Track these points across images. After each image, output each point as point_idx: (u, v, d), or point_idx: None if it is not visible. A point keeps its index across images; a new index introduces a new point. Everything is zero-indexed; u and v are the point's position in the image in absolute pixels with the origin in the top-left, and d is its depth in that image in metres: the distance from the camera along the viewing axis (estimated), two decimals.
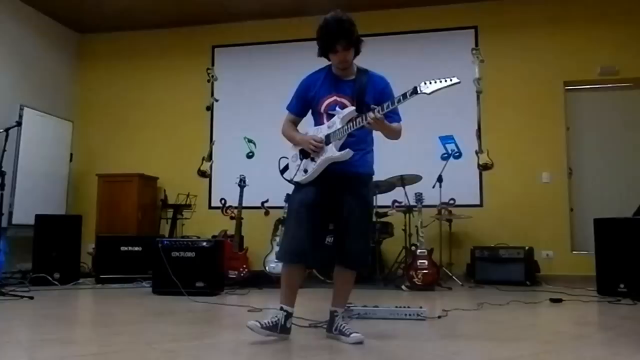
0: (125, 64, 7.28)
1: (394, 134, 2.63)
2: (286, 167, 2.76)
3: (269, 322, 2.51)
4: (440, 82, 2.37)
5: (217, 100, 6.45)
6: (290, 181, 2.71)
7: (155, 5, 6.59)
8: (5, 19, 6.24)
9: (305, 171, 2.63)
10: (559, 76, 6.13)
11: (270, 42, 6.74)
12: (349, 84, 2.66)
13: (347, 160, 2.57)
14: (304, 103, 2.75)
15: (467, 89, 5.76)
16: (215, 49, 7.03)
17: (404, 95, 2.42)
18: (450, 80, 2.37)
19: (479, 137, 5.77)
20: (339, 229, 2.66)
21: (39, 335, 2.83)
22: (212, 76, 6.37)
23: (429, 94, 2.38)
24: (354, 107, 2.57)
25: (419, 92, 2.39)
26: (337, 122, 2.58)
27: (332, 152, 2.56)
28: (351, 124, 2.53)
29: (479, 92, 5.81)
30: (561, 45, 6.16)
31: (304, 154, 2.66)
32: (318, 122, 2.70)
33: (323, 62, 2.73)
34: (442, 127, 6.23)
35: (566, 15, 6.20)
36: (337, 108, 2.62)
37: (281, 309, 2.59)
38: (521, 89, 6.20)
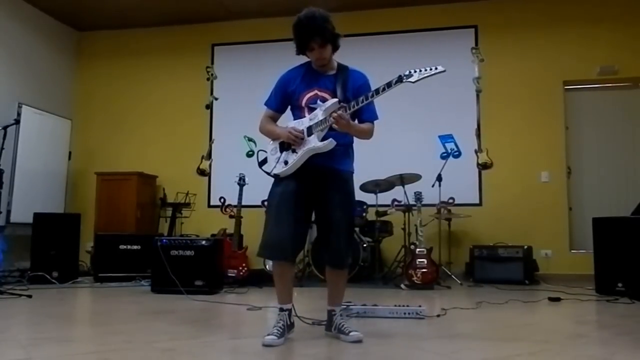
0: (124, 62, 7.27)
1: (363, 135, 2.59)
2: (265, 161, 2.70)
3: (279, 329, 2.48)
4: (426, 70, 2.35)
5: (216, 99, 6.45)
6: (269, 174, 2.64)
7: (154, 3, 6.58)
8: (4, 16, 6.23)
9: (286, 163, 2.57)
10: (558, 75, 6.14)
11: (270, 40, 6.72)
12: (330, 79, 2.64)
13: (329, 156, 2.53)
14: (284, 98, 2.71)
15: (467, 88, 5.77)
16: (215, 47, 7.03)
17: (389, 84, 2.39)
18: (436, 68, 2.35)
19: (478, 136, 5.77)
20: (321, 226, 2.63)
21: (37, 334, 2.82)
22: (212, 74, 6.36)
23: (414, 82, 2.36)
24: (337, 99, 2.53)
25: (403, 80, 2.37)
26: (319, 114, 2.54)
27: (314, 143, 2.51)
28: (331, 119, 2.48)
29: (478, 91, 5.81)
30: (561, 45, 6.17)
31: (284, 147, 2.62)
32: (298, 116, 2.65)
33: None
34: (442, 126, 6.21)
35: (566, 14, 6.21)
36: (319, 102, 2.58)
37: (281, 309, 2.58)
38: (521, 88, 6.20)
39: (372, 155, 2.78)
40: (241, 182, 5.48)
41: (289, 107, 2.73)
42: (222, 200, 5.72)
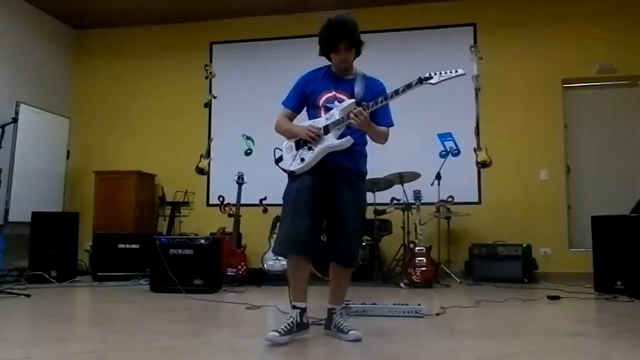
0: (122, 60, 7.25)
1: (380, 137, 2.63)
2: (281, 158, 2.72)
3: (286, 327, 2.47)
4: (446, 73, 2.41)
5: (215, 97, 6.44)
6: (285, 170, 2.67)
7: (152, 2, 6.56)
8: (2, 15, 6.21)
9: (302, 160, 2.60)
10: (557, 74, 6.13)
11: (269, 38, 6.71)
12: (349, 82, 2.68)
13: (346, 154, 2.57)
14: (301, 99, 2.74)
15: (466, 86, 5.77)
16: (214, 46, 7.00)
17: (409, 86, 2.44)
18: (456, 71, 2.40)
19: (477, 134, 5.78)
20: (331, 223, 2.63)
21: (36, 333, 2.82)
22: (210, 73, 6.36)
23: (435, 84, 2.40)
24: (354, 100, 2.57)
25: (424, 83, 2.41)
26: (335, 114, 2.58)
27: (331, 140, 2.55)
28: (350, 115, 2.52)
29: (477, 90, 5.82)
30: (559, 43, 6.16)
31: (300, 145, 2.64)
32: (314, 115, 2.69)
33: (321, 59, 2.72)
34: (441, 125, 6.22)
35: (565, 12, 6.20)
36: (336, 102, 2.62)
37: (294, 307, 2.56)
38: (519, 86, 6.19)
39: (370, 154, 2.79)
40: (240, 180, 5.48)
41: (305, 108, 2.77)
42: (221, 199, 5.71)
